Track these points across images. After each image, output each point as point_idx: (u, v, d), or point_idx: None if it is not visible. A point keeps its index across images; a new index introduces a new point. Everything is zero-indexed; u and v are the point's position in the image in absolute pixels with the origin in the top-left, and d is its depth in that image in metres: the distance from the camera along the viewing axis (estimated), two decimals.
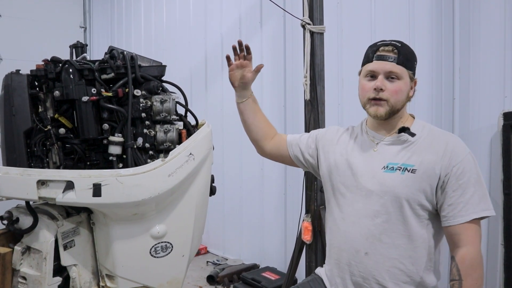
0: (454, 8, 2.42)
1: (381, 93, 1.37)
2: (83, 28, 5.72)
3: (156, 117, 1.56)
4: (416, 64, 1.42)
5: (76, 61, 1.53)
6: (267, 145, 1.70)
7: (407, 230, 1.35)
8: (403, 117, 1.44)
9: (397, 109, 1.39)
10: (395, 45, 1.38)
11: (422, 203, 1.34)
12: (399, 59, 1.36)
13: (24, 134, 1.46)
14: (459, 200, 1.30)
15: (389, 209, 1.36)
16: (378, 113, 1.38)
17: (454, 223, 1.30)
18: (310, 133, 1.69)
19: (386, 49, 1.38)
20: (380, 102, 1.38)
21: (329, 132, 1.62)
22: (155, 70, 1.63)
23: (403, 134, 1.39)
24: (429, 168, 1.32)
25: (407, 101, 1.44)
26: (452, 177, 1.31)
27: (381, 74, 1.37)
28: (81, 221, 1.61)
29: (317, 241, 2.49)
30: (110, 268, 1.60)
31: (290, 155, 1.66)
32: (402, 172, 1.35)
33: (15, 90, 1.46)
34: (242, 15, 3.75)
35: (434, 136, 1.39)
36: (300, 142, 1.66)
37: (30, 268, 1.50)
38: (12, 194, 1.41)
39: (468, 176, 1.31)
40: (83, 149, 1.55)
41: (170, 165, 1.48)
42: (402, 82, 1.37)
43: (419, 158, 1.34)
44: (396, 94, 1.37)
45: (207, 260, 3.83)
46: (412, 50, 1.43)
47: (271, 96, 3.51)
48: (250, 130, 1.70)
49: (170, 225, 1.58)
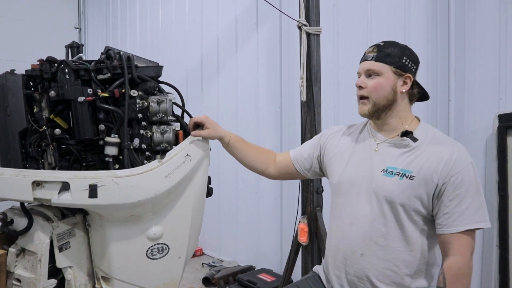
0: (450, 10, 2.44)
1: (361, 91, 1.43)
2: (78, 29, 5.70)
3: (153, 118, 1.55)
4: (407, 60, 1.40)
5: (72, 61, 1.51)
6: (271, 171, 1.73)
7: (403, 233, 1.35)
8: (403, 118, 1.43)
9: (382, 105, 1.40)
10: (378, 44, 1.43)
11: (418, 209, 1.34)
12: (377, 57, 1.40)
13: (19, 135, 1.44)
14: (454, 210, 1.29)
15: (385, 213, 1.36)
16: (363, 111, 1.44)
17: (447, 232, 1.30)
18: (313, 138, 1.71)
19: (369, 50, 1.44)
20: (364, 100, 1.43)
21: (331, 131, 1.64)
22: (151, 70, 1.62)
23: (405, 138, 1.39)
24: (427, 175, 1.32)
25: (411, 101, 1.44)
26: (449, 186, 1.30)
27: (363, 73, 1.44)
28: (77, 223, 1.59)
29: (314, 242, 2.49)
30: (106, 270, 1.59)
31: (298, 171, 1.68)
32: (400, 178, 1.35)
33: (10, 90, 1.44)
34: (238, 16, 3.75)
35: (437, 143, 1.37)
36: (303, 151, 1.68)
37: (24, 270, 1.48)
38: (7, 196, 1.39)
39: (466, 187, 1.30)
40: (79, 150, 1.53)
41: (167, 166, 1.47)
42: (382, 78, 1.39)
43: (419, 164, 1.34)
44: (375, 90, 1.40)
45: (203, 261, 3.82)
46: (404, 47, 1.43)
47: (267, 97, 3.51)
48: (248, 167, 1.74)
49: (167, 226, 1.57)
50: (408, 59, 1.41)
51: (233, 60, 3.80)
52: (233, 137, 1.69)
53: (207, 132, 1.61)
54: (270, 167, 1.73)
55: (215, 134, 1.63)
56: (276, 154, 1.76)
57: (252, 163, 1.72)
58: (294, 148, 1.74)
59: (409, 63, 1.41)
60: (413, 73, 1.42)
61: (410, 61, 1.41)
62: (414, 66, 1.42)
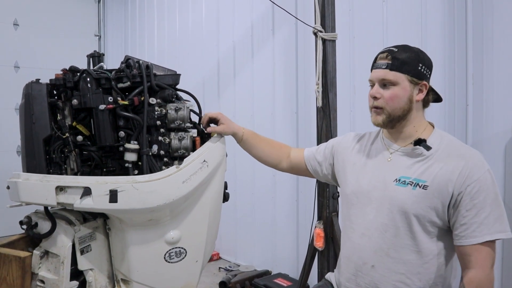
0: (467, 13, 2.41)
1: (376, 101, 1.38)
2: (97, 36, 5.83)
3: (171, 124, 1.58)
4: (422, 67, 1.35)
5: (94, 70, 1.56)
6: (284, 165, 1.74)
7: (416, 245, 1.31)
8: (417, 125, 1.39)
9: (397, 115, 1.36)
10: (391, 50, 1.36)
11: (433, 220, 1.30)
12: (392, 65, 1.34)
13: (44, 141, 1.49)
14: (472, 220, 1.24)
15: (398, 224, 1.33)
16: (377, 121, 1.39)
17: (466, 243, 1.25)
18: (327, 142, 1.70)
19: (381, 56, 1.39)
20: (377, 110, 1.39)
21: (345, 140, 1.62)
22: (169, 78, 1.66)
23: (418, 147, 1.34)
24: (441, 185, 1.27)
25: (424, 107, 1.40)
26: (466, 196, 1.25)
27: (376, 83, 1.38)
28: (98, 227, 1.64)
29: (330, 248, 2.49)
30: (126, 272, 1.62)
31: (309, 170, 1.69)
32: (413, 187, 1.31)
33: (35, 99, 1.49)
34: (254, 22, 3.78)
35: (452, 151, 1.32)
36: (317, 154, 1.67)
37: (48, 272, 1.52)
38: (32, 200, 1.44)
39: (484, 196, 1.24)
40: (99, 156, 1.58)
41: (184, 172, 1.50)
42: (397, 88, 1.34)
43: (432, 174, 1.30)
44: (391, 101, 1.35)
45: (219, 266, 3.85)
46: (418, 51, 1.37)
47: (283, 103, 3.52)
48: (262, 161, 1.76)
49: (184, 231, 1.60)
50: (423, 65, 1.35)
51: (249, 66, 3.83)
52: (246, 132, 1.70)
53: (221, 127, 1.63)
54: (283, 162, 1.73)
55: (228, 130, 1.65)
56: (291, 149, 1.76)
57: (265, 157, 1.73)
58: None
59: (424, 69, 1.35)
60: (428, 79, 1.37)
61: (425, 67, 1.35)
62: (429, 72, 1.37)
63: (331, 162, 1.63)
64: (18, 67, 4.97)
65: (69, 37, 5.32)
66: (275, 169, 1.78)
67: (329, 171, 1.64)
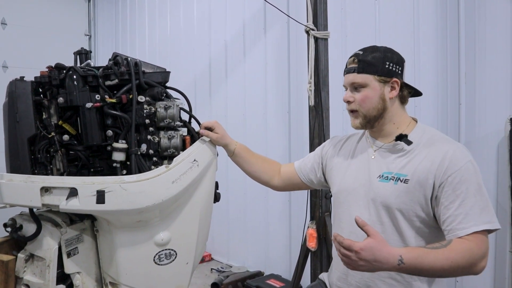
0: (459, 12, 2.41)
1: (350, 105, 1.42)
2: (88, 36, 5.76)
3: (160, 123, 1.55)
4: (390, 64, 1.35)
5: (80, 68, 1.52)
6: (276, 183, 1.74)
7: (403, 240, 1.31)
8: (397, 122, 1.40)
9: (373, 115, 1.38)
10: (357, 54, 1.41)
11: (418, 214, 1.29)
12: (359, 68, 1.38)
13: (28, 141, 1.45)
14: (457, 211, 1.21)
15: (383, 220, 1.33)
16: (355, 124, 1.43)
17: (454, 236, 1.20)
18: (316, 149, 1.72)
19: (349, 61, 1.43)
20: (354, 113, 1.42)
21: (332, 142, 1.64)
22: (159, 76, 1.63)
23: (399, 142, 1.35)
24: (422, 178, 1.27)
25: (403, 103, 1.41)
26: (447, 187, 1.23)
27: (348, 87, 1.43)
28: (85, 228, 1.60)
29: (322, 248, 2.47)
30: (114, 275, 1.59)
31: (303, 181, 1.68)
32: (395, 182, 1.32)
33: (19, 97, 1.45)
34: (246, 21, 3.76)
35: (433, 143, 1.32)
36: (307, 161, 1.68)
37: (33, 275, 1.48)
38: (16, 201, 1.40)
39: (467, 186, 1.22)
40: (87, 155, 1.54)
41: (174, 172, 1.47)
42: (368, 90, 1.37)
43: (413, 167, 1.30)
44: (363, 103, 1.38)
45: (211, 267, 3.82)
46: (385, 50, 1.38)
47: (276, 102, 3.50)
48: (253, 177, 1.75)
49: (174, 232, 1.56)
50: (390, 62, 1.36)
51: (241, 65, 3.81)
52: (238, 146, 1.70)
53: (215, 136, 1.63)
54: (274, 178, 1.73)
55: (222, 140, 1.66)
56: (281, 166, 1.76)
57: (256, 173, 1.73)
58: (302, 152, 1.74)
59: (393, 66, 1.36)
60: (400, 75, 1.38)
61: (394, 64, 1.36)
62: (399, 68, 1.38)
63: (321, 165, 1.64)
64: (6, 67, 4.89)
65: (58, 37, 5.24)
66: (267, 186, 1.77)
67: (322, 175, 1.64)
